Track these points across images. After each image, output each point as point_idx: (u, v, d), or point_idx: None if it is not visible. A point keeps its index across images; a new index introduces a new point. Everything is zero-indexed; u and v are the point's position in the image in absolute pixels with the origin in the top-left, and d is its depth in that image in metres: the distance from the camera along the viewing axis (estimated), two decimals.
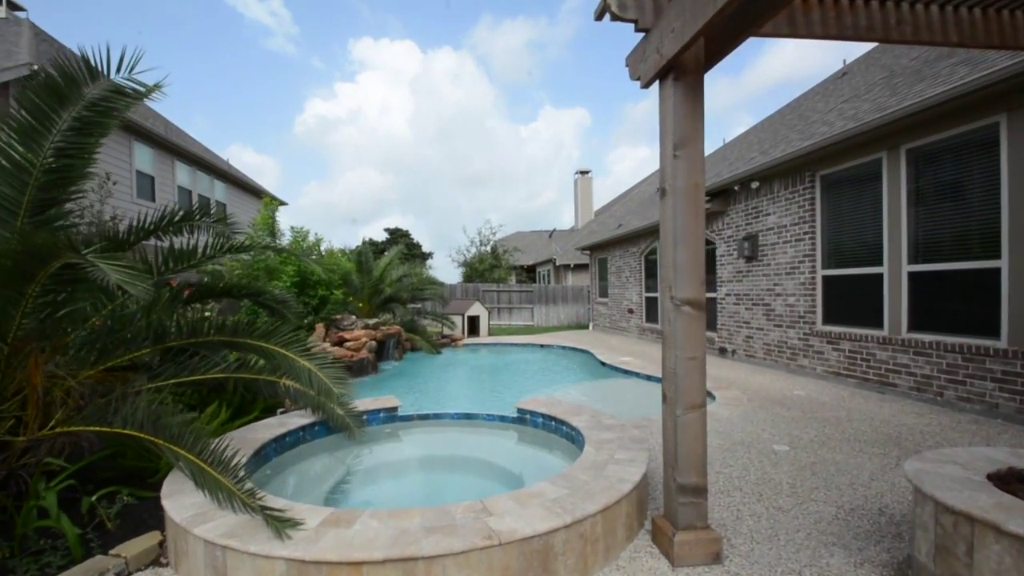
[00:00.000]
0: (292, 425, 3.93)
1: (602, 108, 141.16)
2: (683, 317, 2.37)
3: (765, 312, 8.12)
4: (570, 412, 4.13)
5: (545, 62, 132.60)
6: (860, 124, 5.78)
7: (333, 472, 3.84)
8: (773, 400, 5.88)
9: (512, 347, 13.02)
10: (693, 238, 2.38)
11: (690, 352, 2.38)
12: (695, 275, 2.38)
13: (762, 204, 8.18)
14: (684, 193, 2.36)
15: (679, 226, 2.37)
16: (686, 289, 2.37)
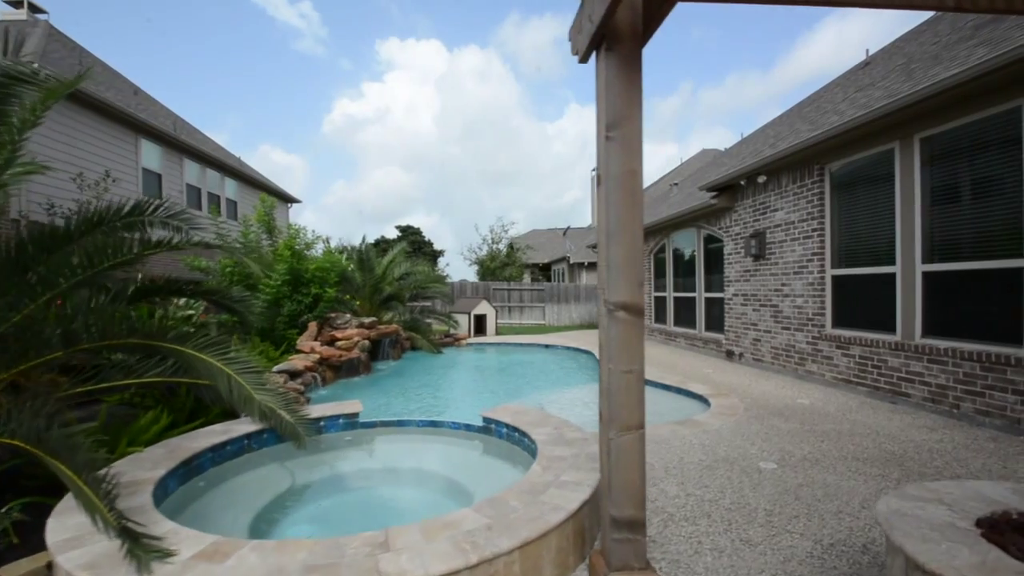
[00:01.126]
0: (236, 432, 3.73)
1: None
2: (617, 324, 2.06)
3: (773, 314, 7.64)
4: (535, 423, 3.83)
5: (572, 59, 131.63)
6: (868, 111, 5.30)
7: (274, 485, 3.62)
8: (772, 410, 5.46)
9: (516, 347, 12.74)
10: (629, 233, 2.06)
11: (625, 364, 2.07)
12: (631, 275, 2.06)
13: (770, 199, 7.69)
14: (618, 180, 2.05)
15: (613, 218, 2.05)
16: (621, 291, 2.06)
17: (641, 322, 2.08)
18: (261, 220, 9.20)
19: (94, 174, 9.76)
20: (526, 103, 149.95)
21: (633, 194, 2.06)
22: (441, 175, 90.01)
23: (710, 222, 9.48)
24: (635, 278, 2.07)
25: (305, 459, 3.96)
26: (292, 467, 3.88)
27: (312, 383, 7.01)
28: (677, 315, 11.29)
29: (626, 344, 2.07)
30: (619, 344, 2.07)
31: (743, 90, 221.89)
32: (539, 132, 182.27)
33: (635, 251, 2.07)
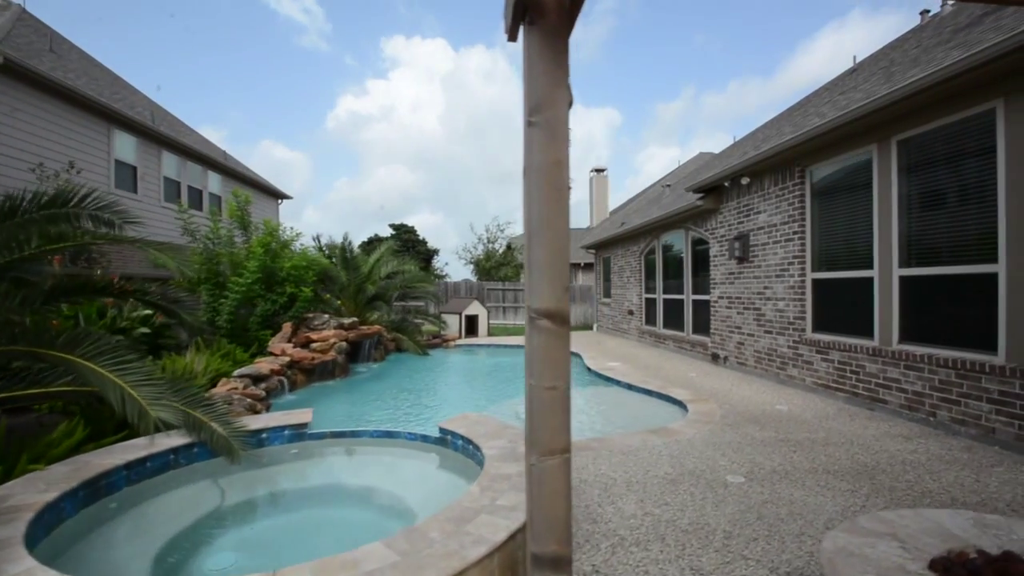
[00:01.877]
0: (161, 447, 3.53)
1: (633, 108, 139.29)
2: (540, 334, 1.87)
3: (756, 317, 7.48)
4: (490, 434, 3.65)
5: (577, 62, 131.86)
6: (845, 112, 5.15)
7: (200, 507, 3.42)
8: (749, 417, 5.29)
9: (506, 348, 12.57)
10: (553, 231, 1.87)
11: (549, 380, 1.88)
12: (556, 278, 1.88)
13: (753, 201, 7.53)
14: (542, 172, 1.86)
15: (535, 215, 1.87)
16: (544, 296, 1.87)
17: (566, 332, 1.90)
18: (233, 215, 8.97)
19: (59, 165, 9.49)
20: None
21: (558, 188, 1.87)
22: (445, 174, 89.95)
23: (697, 224, 9.32)
24: (560, 282, 1.88)
25: (242, 476, 3.77)
26: (225, 485, 3.70)
27: (278, 388, 6.81)
28: (666, 317, 11.13)
29: (550, 357, 1.89)
30: (542, 357, 1.88)
31: (745, 95, 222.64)
32: None
33: (560, 251, 1.88)
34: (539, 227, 1.89)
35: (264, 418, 4.31)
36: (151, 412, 2.95)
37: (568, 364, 1.93)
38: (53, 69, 10.17)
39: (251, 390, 6.09)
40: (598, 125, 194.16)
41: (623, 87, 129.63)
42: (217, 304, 8.58)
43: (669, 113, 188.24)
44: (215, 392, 5.62)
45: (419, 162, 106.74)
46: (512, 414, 5.97)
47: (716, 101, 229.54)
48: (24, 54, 9.47)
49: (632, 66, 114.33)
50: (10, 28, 10.47)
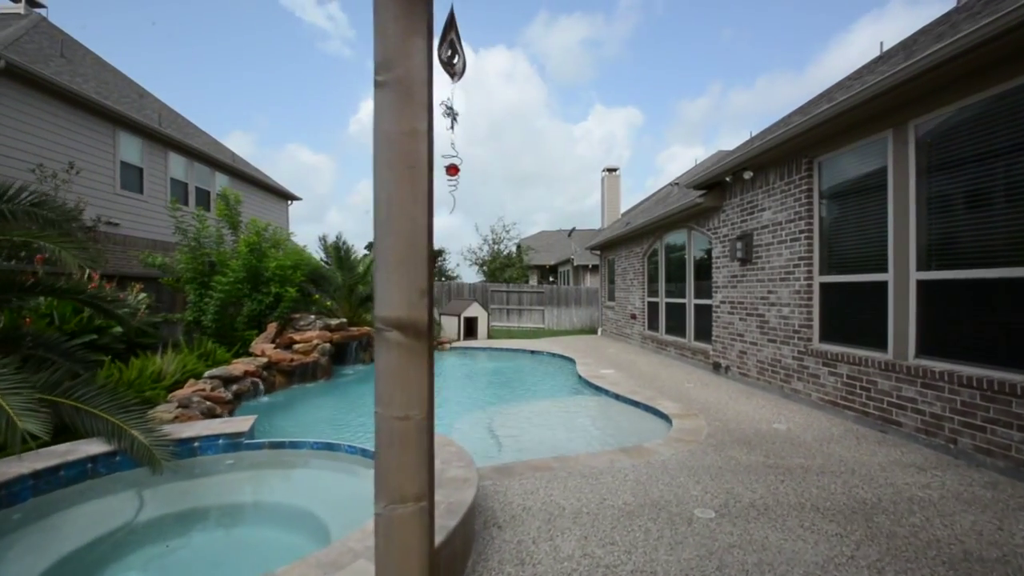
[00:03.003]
0: (78, 454, 3.24)
1: (655, 107, 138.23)
2: (390, 350, 1.46)
3: (759, 324, 6.89)
4: None
5: (601, 60, 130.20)
6: (855, 93, 4.57)
7: (112, 520, 3.10)
8: (739, 436, 4.75)
9: (501, 352, 12.16)
10: (407, 219, 1.46)
11: (401, 407, 1.47)
12: (410, 279, 1.46)
13: (757, 198, 6.95)
14: (393, 145, 1.45)
15: (384, 199, 1.46)
16: (394, 302, 1.46)
17: (425, 347, 1.48)
18: (222, 215, 8.79)
19: (62, 166, 9.50)
20: (552, 104, 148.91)
21: (412, 164, 1.46)
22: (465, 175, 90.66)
23: (699, 223, 8.75)
24: (414, 283, 1.47)
25: (168, 487, 3.45)
26: (148, 497, 3.37)
27: (250, 390, 6.54)
28: (668, 323, 10.55)
29: (402, 378, 1.47)
30: (392, 378, 1.47)
31: (773, 92, 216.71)
32: (564, 134, 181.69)
33: (415, 246, 1.47)
34: (389, 215, 1.47)
35: (199, 425, 4.00)
36: (20, 424, 2.63)
37: (427, 388, 1.51)
38: (59, 73, 10.21)
39: (217, 393, 5.81)
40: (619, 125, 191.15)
41: (646, 85, 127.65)
42: (203, 304, 8.41)
43: (694, 111, 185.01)
44: (176, 394, 5.37)
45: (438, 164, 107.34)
46: (475, 427, 5.56)
47: (743, 98, 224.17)
48: (30, 59, 9.51)
49: (656, 63, 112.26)
50: (21, 35, 10.56)
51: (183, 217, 8.51)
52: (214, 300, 8.13)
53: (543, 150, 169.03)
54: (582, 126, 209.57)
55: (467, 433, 5.31)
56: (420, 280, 1.47)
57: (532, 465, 3.91)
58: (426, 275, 1.48)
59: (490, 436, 5.21)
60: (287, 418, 5.86)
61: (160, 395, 5.38)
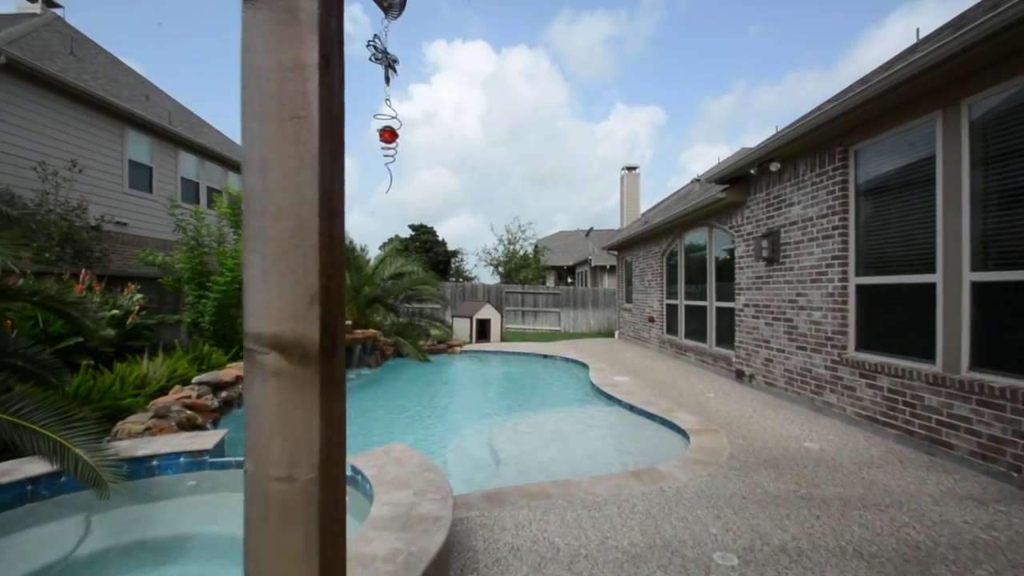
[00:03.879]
0: (17, 475, 2.92)
1: (678, 105, 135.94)
2: (265, 381, 1.04)
3: (787, 329, 6.31)
4: (398, 481, 2.83)
5: (623, 58, 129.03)
6: (898, 70, 4.01)
7: (44, 553, 2.77)
8: (767, 457, 4.22)
9: (513, 356, 11.73)
10: (289, 192, 1.04)
11: (280, 466, 1.04)
12: (294, 278, 1.04)
13: (785, 192, 6.37)
14: (267, 84, 1.04)
15: (256, 163, 1.05)
16: (271, 311, 1.04)
17: (316, 376, 1.05)
18: (223, 213, 8.56)
19: (66, 163, 9.42)
20: (574, 104, 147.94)
21: (300, 114, 1.04)
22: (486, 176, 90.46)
23: (721, 220, 8.17)
24: (301, 285, 1.04)
25: (117, 513, 3.11)
26: (95, 524, 3.04)
27: (240, 397, 6.23)
28: (688, 326, 9.96)
29: (284, 421, 1.04)
30: (269, 421, 1.05)
31: (801, 88, 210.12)
32: (586, 134, 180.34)
33: (304, 231, 1.04)
34: (263, 185, 1.05)
35: (160, 441, 3.67)
36: None
37: (323, 434, 1.07)
38: (65, 70, 10.17)
39: (203, 400, 5.53)
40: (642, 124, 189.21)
41: (670, 83, 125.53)
42: (201, 305, 8.19)
43: (718, 109, 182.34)
44: (157, 402, 5.09)
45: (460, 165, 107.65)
46: (474, 440, 5.13)
47: (769, 95, 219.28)
48: (35, 55, 9.47)
49: (680, 60, 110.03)
50: (28, 32, 10.58)
51: (183, 215, 8.30)
52: (211, 301, 7.89)
53: (564, 150, 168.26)
54: (604, 125, 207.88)
55: (464, 448, 4.89)
56: (309, 280, 1.05)
57: (528, 492, 3.46)
58: (319, 273, 1.05)
59: (489, 452, 4.78)
60: None
61: (139, 403, 5.10)
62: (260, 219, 1.05)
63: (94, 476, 2.95)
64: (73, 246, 8.85)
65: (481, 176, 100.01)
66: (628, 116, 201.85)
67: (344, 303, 1.19)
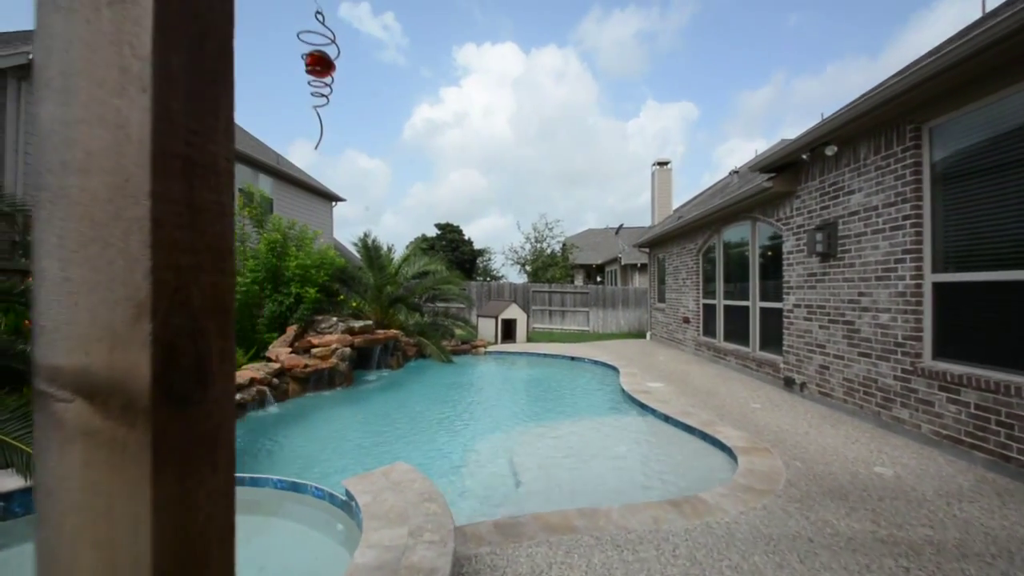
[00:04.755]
0: None
1: (712, 99, 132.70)
2: (63, 448, 0.61)
3: (846, 333, 5.61)
4: (396, 513, 2.41)
5: (654, 53, 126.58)
6: (992, 25, 3.32)
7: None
8: (831, 485, 3.62)
9: (539, 358, 11.25)
10: (110, 127, 0.60)
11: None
12: (110, 275, 0.60)
13: (843, 178, 5.66)
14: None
15: (57, 85, 0.61)
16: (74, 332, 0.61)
17: (143, 441, 0.61)
18: (245, 211, 8.43)
19: None
20: (604, 101, 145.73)
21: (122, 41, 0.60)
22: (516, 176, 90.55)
23: (767, 212, 7.47)
24: (122, 287, 0.60)
25: None
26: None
27: (255, 400, 5.99)
28: (728, 328, 9.26)
29: (96, 518, 0.61)
30: (73, 517, 0.61)
31: (844, 79, 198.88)
32: (616, 131, 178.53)
33: (130, 193, 0.60)
34: (65, 119, 0.61)
35: None
36: None
37: (147, 548, 0.64)
38: None
39: None
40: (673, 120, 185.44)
41: (703, 77, 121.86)
42: None
43: (754, 102, 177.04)
44: None
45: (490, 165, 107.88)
46: (491, 455, 4.68)
47: (809, 87, 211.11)
48: None
49: (714, 53, 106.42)
50: None
51: None
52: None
53: (594, 148, 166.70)
54: (634, 122, 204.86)
55: (480, 464, 4.45)
56: (134, 279, 0.61)
57: (548, 523, 2.99)
58: (152, 265, 0.61)
59: (508, 468, 4.33)
60: (290, 433, 5.23)
61: None
62: (59, 175, 0.62)
63: None
64: None
65: (510, 176, 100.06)
66: (659, 112, 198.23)
67: (232, 311, 0.74)
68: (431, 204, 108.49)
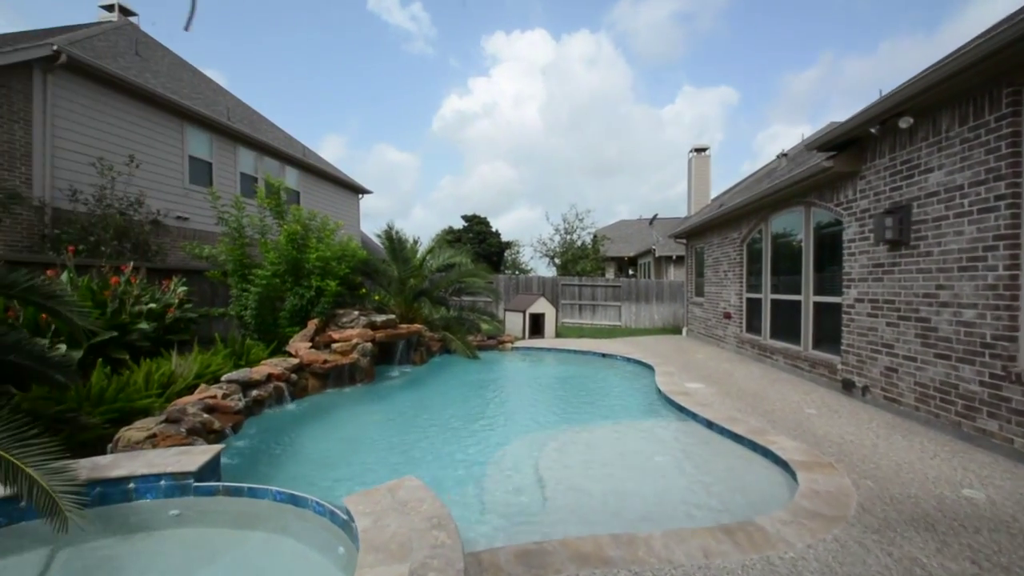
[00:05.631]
0: None
1: (753, 83, 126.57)
2: None
3: (920, 331, 4.94)
4: (397, 542, 2.04)
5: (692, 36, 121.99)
6: None
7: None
8: (914, 512, 3.06)
9: (568, 355, 10.79)
10: None
11: None
12: None
13: (919, 155, 4.96)
14: None
15: None
16: None
17: None
18: (264, 202, 8.25)
19: (126, 160, 9.54)
20: (638, 88, 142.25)
21: None
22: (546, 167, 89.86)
23: (824, 196, 6.75)
24: None
25: (88, 549, 2.57)
26: (59, 564, 2.50)
27: (272, 396, 5.77)
28: (775, 324, 8.56)
29: None
30: None
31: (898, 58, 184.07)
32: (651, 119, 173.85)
33: None
34: None
35: (142, 459, 3.11)
36: None
37: None
38: (126, 68, 10.32)
39: (227, 401, 5.07)
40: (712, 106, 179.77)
41: (744, 59, 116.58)
42: (244, 298, 7.93)
43: (799, 85, 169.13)
44: (178, 402, 4.67)
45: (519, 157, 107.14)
46: (516, 463, 4.27)
47: (860, 67, 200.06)
48: (97, 55, 9.62)
49: (756, 34, 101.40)
50: (94, 35, 10.87)
51: (224, 207, 8.05)
52: (252, 294, 7.59)
53: (628, 137, 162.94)
54: (670, 109, 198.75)
55: (504, 471, 4.06)
56: None
57: (579, 551, 2.56)
58: None
59: (533, 477, 3.92)
60: (304, 433, 4.98)
61: (157, 404, 4.69)
62: None
63: (50, 504, 2.41)
64: (130, 240, 8.91)
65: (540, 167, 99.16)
66: (696, 98, 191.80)
67: None
68: (460, 197, 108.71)
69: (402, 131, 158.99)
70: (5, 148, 7.66)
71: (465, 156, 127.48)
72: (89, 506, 2.72)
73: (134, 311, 6.06)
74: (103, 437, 3.86)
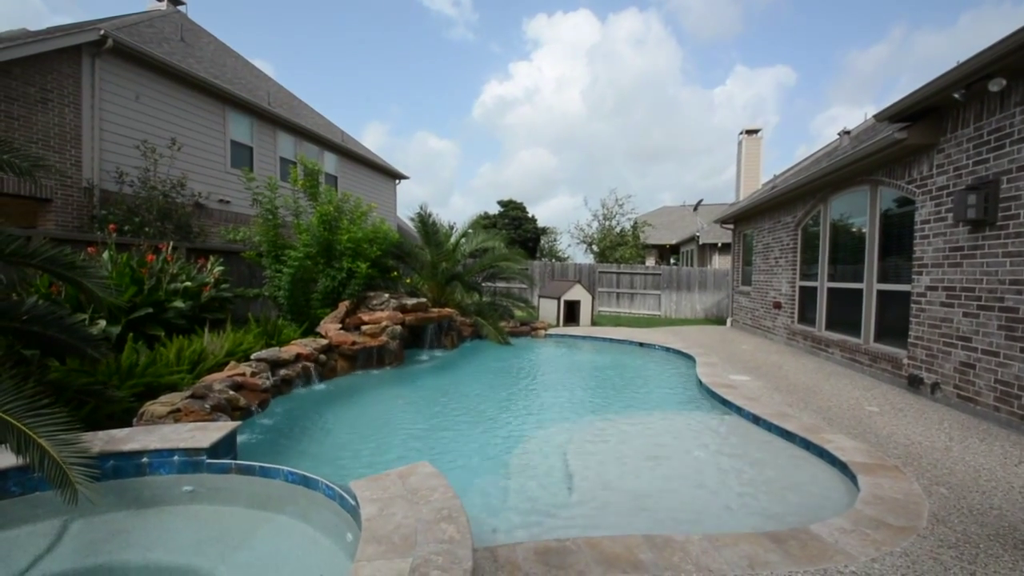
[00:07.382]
0: None
1: (812, 62, 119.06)
2: None
3: (1004, 322, 4.35)
4: (400, 534, 1.84)
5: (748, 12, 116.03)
6: None
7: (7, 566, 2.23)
8: (999, 526, 2.63)
9: (604, 343, 10.43)
10: None
11: None
12: None
13: (1012, 122, 4.33)
14: None
15: None
16: None
17: None
18: (299, 184, 8.26)
19: (168, 143, 9.80)
20: (688, 68, 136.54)
21: None
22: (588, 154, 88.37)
23: (893, 173, 6.10)
24: None
25: (100, 521, 2.53)
26: (71, 536, 2.46)
27: (300, 376, 5.75)
28: (832, 315, 7.93)
29: None
30: None
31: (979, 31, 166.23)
32: (700, 101, 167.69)
33: None
34: None
35: (158, 433, 3.05)
36: None
37: None
38: (170, 54, 10.56)
39: (255, 379, 5.06)
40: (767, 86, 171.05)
41: (803, 36, 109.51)
42: (278, 278, 8.01)
43: (864, 63, 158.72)
44: (206, 379, 4.69)
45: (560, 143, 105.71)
46: (544, 452, 4.03)
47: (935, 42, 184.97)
48: (143, 40, 9.88)
49: (819, 6, 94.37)
50: (139, 21, 11.19)
51: (258, 188, 8.10)
52: (285, 275, 7.63)
53: (675, 121, 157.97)
54: (721, 91, 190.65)
55: (530, 461, 3.84)
56: None
57: (606, 552, 2.30)
58: None
59: (561, 468, 3.67)
60: (330, 413, 4.92)
61: (185, 380, 4.71)
62: None
63: (60, 475, 2.36)
64: (172, 221, 9.17)
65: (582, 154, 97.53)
66: (750, 79, 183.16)
67: None
68: (499, 184, 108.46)
69: (443, 118, 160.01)
70: (56, 131, 7.97)
71: (504, 143, 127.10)
72: (103, 479, 2.67)
73: (170, 288, 6.16)
74: (130, 410, 3.87)
